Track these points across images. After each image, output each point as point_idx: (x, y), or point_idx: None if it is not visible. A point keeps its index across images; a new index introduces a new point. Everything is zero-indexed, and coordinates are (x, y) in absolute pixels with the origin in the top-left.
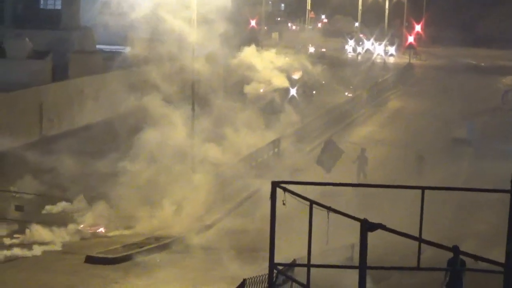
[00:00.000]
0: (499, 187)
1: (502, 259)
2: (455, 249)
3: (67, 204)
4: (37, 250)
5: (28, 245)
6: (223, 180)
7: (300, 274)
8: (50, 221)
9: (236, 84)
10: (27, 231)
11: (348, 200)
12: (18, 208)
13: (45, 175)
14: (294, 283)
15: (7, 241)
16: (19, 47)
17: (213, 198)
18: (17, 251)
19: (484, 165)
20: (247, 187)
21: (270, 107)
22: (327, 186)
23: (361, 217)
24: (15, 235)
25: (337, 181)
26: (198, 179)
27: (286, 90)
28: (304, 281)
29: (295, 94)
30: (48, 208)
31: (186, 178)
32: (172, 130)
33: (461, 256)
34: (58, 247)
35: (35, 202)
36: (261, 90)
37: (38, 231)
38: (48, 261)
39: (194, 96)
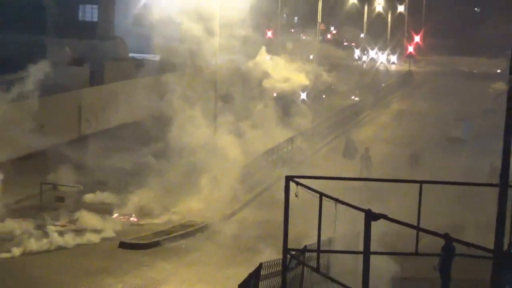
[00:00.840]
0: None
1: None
2: (446, 236)
3: (103, 195)
4: (86, 237)
5: (77, 232)
6: (247, 171)
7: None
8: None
9: (255, 87)
10: (76, 219)
11: (356, 194)
12: (59, 199)
13: (83, 169)
14: (305, 267)
15: (53, 228)
16: (60, 55)
17: (237, 189)
18: (67, 239)
19: (478, 161)
20: (268, 179)
21: (283, 109)
22: (335, 181)
23: (367, 208)
24: (59, 223)
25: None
26: (223, 171)
27: (297, 95)
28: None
29: (305, 98)
30: (87, 199)
31: (211, 171)
32: (197, 129)
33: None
34: (100, 234)
35: (75, 194)
36: (274, 94)
37: (86, 219)
38: (86, 247)
39: (216, 99)
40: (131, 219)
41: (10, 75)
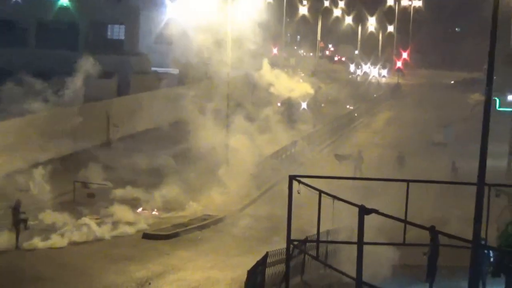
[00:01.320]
0: (469, 180)
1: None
2: (431, 229)
3: (131, 191)
4: (121, 229)
5: (113, 224)
6: (256, 170)
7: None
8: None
9: (262, 97)
10: (110, 213)
11: (353, 191)
12: (90, 195)
13: (111, 169)
14: (306, 255)
15: (92, 221)
16: (91, 69)
17: (248, 186)
18: (104, 230)
19: (457, 163)
20: (275, 177)
21: (287, 116)
22: (334, 180)
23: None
24: (97, 217)
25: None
26: (235, 170)
27: (299, 104)
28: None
29: (305, 107)
30: (117, 194)
31: (225, 170)
32: (211, 133)
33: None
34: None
35: (104, 191)
36: (279, 104)
37: (120, 213)
38: (115, 238)
39: (228, 107)
40: (153, 212)
41: (48, 86)
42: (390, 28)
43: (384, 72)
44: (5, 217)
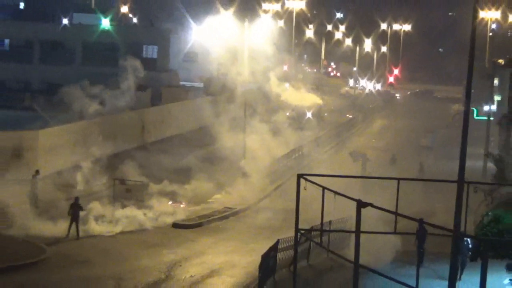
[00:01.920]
0: (451, 178)
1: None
2: (420, 220)
3: (160, 187)
4: (162, 220)
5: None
6: (272, 168)
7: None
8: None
9: (274, 107)
10: (151, 205)
11: (355, 187)
12: (128, 191)
13: (145, 168)
14: (311, 242)
15: (138, 212)
16: (129, 83)
17: (262, 182)
18: (146, 221)
19: (441, 163)
20: (286, 175)
21: (295, 123)
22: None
23: (365, 199)
24: (142, 209)
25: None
26: (253, 168)
27: (304, 113)
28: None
29: (310, 116)
30: (154, 189)
31: (244, 168)
32: (231, 138)
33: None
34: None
35: (140, 187)
36: (287, 114)
37: (160, 206)
38: (143, 223)
39: (245, 115)
40: (181, 205)
41: (93, 97)
42: (384, 49)
43: (378, 86)
44: (55, 208)
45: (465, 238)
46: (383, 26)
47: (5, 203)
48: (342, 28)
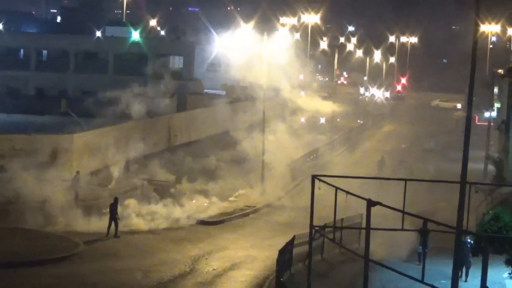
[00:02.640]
0: (453, 179)
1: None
2: (424, 219)
3: (186, 186)
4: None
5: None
6: (291, 169)
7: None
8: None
9: (292, 112)
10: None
11: (368, 187)
12: (156, 190)
13: (172, 169)
14: (325, 238)
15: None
16: (157, 91)
17: (282, 181)
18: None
19: (445, 166)
20: (302, 176)
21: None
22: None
23: (375, 197)
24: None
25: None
26: (272, 169)
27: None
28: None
29: (324, 122)
30: (175, 189)
31: (265, 170)
32: (252, 141)
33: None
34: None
35: (165, 186)
36: (302, 120)
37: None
38: (171, 220)
39: (264, 120)
40: (205, 204)
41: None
42: (392, 59)
43: (387, 94)
44: (91, 206)
45: (468, 241)
46: (391, 38)
47: (47, 201)
48: (353, 40)
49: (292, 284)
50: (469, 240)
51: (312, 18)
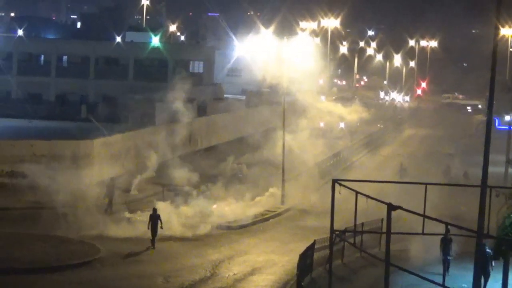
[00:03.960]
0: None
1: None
2: (446, 223)
3: (206, 191)
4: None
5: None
6: (313, 173)
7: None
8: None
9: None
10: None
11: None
12: (176, 196)
13: (192, 173)
14: (345, 242)
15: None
16: (177, 96)
17: (304, 185)
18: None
19: (463, 169)
20: (325, 179)
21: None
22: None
23: (398, 202)
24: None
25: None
26: (292, 172)
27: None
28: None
29: (343, 126)
30: (195, 195)
31: (284, 172)
32: (273, 145)
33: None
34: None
35: (185, 192)
36: (322, 124)
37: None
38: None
39: (284, 124)
40: (226, 208)
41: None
42: (412, 63)
43: (407, 98)
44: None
45: (487, 250)
46: (411, 42)
47: (74, 206)
48: (373, 44)
49: None
50: (487, 250)
51: (332, 23)
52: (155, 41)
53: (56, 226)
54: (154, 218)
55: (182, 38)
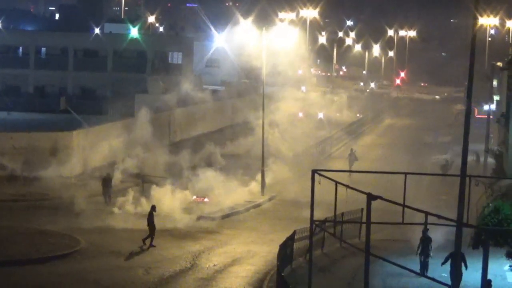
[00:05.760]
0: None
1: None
2: (425, 213)
3: (185, 182)
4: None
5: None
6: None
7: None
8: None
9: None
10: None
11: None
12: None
13: (172, 164)
14: (325, 232)
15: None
16: (156, 87)
17: (282, 176)
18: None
19: (443, 158)
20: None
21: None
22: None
23: (377, 192)
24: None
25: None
26: (273, 164)
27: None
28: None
29: (322, 117)
30: (173, 185)
31: (265, 165)
32: (251, 136)
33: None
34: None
35: (162, 182)
36: (300, 114)
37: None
38: (172, 217)
39: (264, 115)
40: (205, 200)
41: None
42: (391, 53)
43: (373, 84)
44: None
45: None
46: (390, 32)
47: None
48: (352, 34)
49: (293, 279)
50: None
51: (310, 13)
52: (134, 32)
53: (36, 218)
54: (152, 216)
55: (161, 29)
